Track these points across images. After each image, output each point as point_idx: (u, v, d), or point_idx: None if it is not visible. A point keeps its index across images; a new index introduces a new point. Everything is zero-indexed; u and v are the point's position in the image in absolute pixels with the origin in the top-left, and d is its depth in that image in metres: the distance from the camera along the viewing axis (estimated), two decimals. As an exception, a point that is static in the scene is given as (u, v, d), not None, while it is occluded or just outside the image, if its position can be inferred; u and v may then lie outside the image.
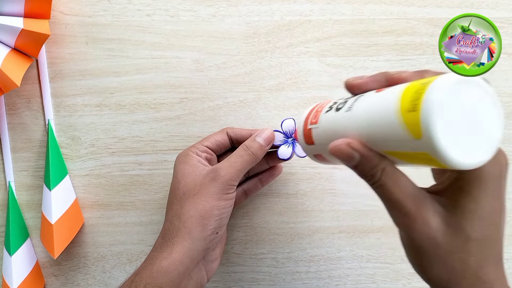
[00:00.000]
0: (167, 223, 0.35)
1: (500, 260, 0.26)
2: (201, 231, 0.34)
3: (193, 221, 0.34)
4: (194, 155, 0.37)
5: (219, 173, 0.35)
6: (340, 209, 0.44)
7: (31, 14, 0.39)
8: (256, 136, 0.37)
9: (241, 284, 0.45)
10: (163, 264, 0.33)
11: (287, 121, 0.39)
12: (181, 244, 0.33)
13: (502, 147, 0.44)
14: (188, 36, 0.43)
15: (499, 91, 0.43)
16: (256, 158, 0.36)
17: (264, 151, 0.37)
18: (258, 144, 0.37)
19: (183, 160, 0.37)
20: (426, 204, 0.24)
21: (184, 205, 0.35)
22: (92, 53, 0.43)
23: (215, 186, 0.34)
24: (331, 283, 0.44)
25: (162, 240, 0.35)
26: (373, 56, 0.43)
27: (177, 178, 0.36)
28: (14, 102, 0.43)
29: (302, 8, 0.42)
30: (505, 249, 0.44)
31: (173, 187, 0.37)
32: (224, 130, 0.39)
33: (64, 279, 0.45)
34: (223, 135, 0.39)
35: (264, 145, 0.37)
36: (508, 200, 0.44)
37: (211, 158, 0.38)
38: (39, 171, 0.44)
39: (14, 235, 0.42)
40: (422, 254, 0.25)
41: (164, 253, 0.34)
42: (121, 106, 0.43)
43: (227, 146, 0.40)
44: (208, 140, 0.38)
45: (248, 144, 0.37)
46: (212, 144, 0.38)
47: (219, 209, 0.34)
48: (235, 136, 0.39)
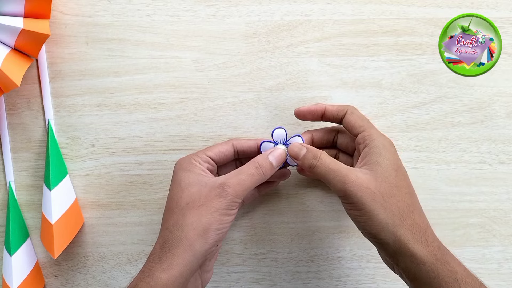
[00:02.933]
0: (166, 232, 0.34)
1: (422, 211, 0.34)
2: (203, 244, 0.33)
3: (195, 234, 0.33)
4: (198, 164, 0.36)
5: (227, 190, 0.34)
6: (340, 209, 0.44)
7: (31, 14, 0.39)
8: (269, 154, 0.37)
9: (241, 284, 0.45)
10: (162, 277, 0.32)
11: (277, 130, 0.39)
12: (182, 256, 0.32)
13: (503, 147, 0.45)
14: (188, 36, 0.43)
15: (499, 91, 0.43)
16: (265, 178, 0.36)
17: (273, 172, 0.37)
18: (270, 165, 0.36)
19: (186, 168, 0.36)
20: (356, 170, 0.34)
21: (187, 215, 0.34)
22: (92, 53, 0.43)
23: (221, 202, 0.34)
24: (331, 283, 0.44)
25: (160, 250, 0.33)
26: (373, 56, 0.43)
27: (181, 186, 0.35)
28: (14, 102, 0.43)
29: (302, 8, 0.42)
30: (505, 249, 0.44)
31: (175, 195, 0.35)
32: (229, 142, 0.39)
33: (64, 279, 0.45)
34: (229, 147, 0.38)
35: (275, 166, 0.37)
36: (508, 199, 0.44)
37: (212, 169, 0.38)
38: (39, 171, 0.44)
39: (14, 235, 0.42)
40: (364, 204, 0.32)
41: (163, 264, 0.32)
42: (121, 106, 0.43)
43: (230, 158, 0.39)
44: (212, 150, 0.38)
45: (261, 163, 0.36)
46: (215, 155, 0.38)
47: (221, 224, 0.34)
48: (241, 148, 0.39)
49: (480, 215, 0.44)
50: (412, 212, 0.33)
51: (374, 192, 0.32)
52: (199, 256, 0.33)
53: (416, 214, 0.33)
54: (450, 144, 0.43)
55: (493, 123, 0.43)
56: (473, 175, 0.44)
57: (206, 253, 0.34)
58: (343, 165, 0.34)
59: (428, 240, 0.32)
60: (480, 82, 0.43)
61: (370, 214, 0.32)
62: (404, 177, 0.34)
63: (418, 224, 0.32)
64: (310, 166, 0.35)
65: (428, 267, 0.31)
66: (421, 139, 0.43)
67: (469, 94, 0.43)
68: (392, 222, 0.32)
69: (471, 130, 0.43)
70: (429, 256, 0.31)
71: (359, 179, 0.33)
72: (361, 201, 0.32)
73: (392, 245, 0.32)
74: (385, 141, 0.35)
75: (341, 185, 0.33)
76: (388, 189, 0.33)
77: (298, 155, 0.36)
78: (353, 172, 0.33)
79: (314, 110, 0.39)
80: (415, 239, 0.32)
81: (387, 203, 0.32)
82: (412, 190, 0.35)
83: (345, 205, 0.34)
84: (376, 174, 0.33)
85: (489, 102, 0.43)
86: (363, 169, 0.34)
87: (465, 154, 0.43)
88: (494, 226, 0.44)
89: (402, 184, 0.34)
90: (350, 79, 0.43)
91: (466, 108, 0.43)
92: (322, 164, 0.34)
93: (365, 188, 0.32)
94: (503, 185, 0.44)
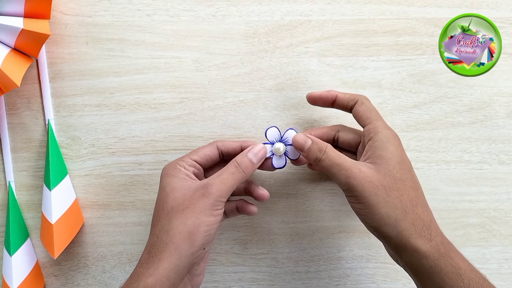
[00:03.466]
0: (153, 238, 0.34)
1: (426, 205, 0.34)
2: (189, 247, 0.33)
3: (181, 237, 0.33)
4: (182, 169, 0.36)
5: (210, 189, 0.34)
6: (340, 209, 0.44)
7: (31, 14, 0.39)
8: (248, 152, 0.37)
9: (241, 284, 0.45)
10: (149, 281, 0.32)
11: (270, 129, 0.39)
12: (168, 260, 0.33)
13: (503, 147, 0.45)
14: (188, 36, 0.43)
15: (499, 91, 0.43)
16: (247, 176, 0.36)
17: (254, 168, 0.37)
18: (249, 162, 0.36)
19: (171, 173, 0.36)
20: (360, 163, 0.34)
21: (172, 219, 0.34)
22: (92, 53, 0.43)
23: (205, 202, 0.34)
24: (331, 283, 0.44)
25: (148, 255, 0.34)
26: (373, 56, 0.43)
27: (165, 191, 0.35)
28: (14, 102, 0.43)
29: (302, 8, 0.42)
30: (505, 249, 0.44)
31: (160, 200, 0.36)
32: (214, 144, 0.39)
33: (64, 279, 0.45)
34: (213, 149, 0.38)
35: (256, 162, 0.37)
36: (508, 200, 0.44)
37: (198, 173, 0.38)
38: (39, 171, 0.44)
39: (14, 235, 0.42)
40: (366, 198, 0.32)
41: (150, 269, 0.32)
42: (121, 106, 0.43)
43: (215, 160, 0.39)
44: (197, 154, 0.38)
45: (239, 161, 0.36)
46: (201, 159, 0.38)
47: (208, 225, 0.34)
48: (225, 149, 0.39)
49: (480, 215, 0.44)
50: (415, 206, 0.33)
51: (377, 185, 0.32)
52: (186, 260, 0.33)
53: (420, 208, 0.33)
54: (450, 144, 0.43)
55: (493, 123, 0.43)
56: (473, 175, 0.44)
57: (193, 257, 0.34)
58: (347, 158, 0.34)
59: (431, 234, 0.32)
60: (480, 82, 0.43)
61: (372, 207, 0.32)
62: (408, 171, 0.34)
63: (422, 218, 0.32)
64: (316, 159, 0.35)
65: (431, 261, 0.31)
66: (421, 139, 0.43)
67: (469, 94, 0.43)
68: (395, 216, 0.32)
69: (471, 130, 0.43)
70: (432, 250, 0.31)
71: (362, 172, 0.33)
72: (363, 194, 0.32)
73: (394, 238, 0.32)
74: (389, 134, 0.35)
75: (344, 178, 0.33)
76: (391, 183, 0.33)
77: (303, 146, 0.36)
78: (356, 165, 0.33)
79: (326, 96, 0.39)
80: (417, 233, 0.32)
81: (389, 197, 0.32)
82: (417, 184, 0.34)
83: (349, 199, 0.34)
84: (379, 167, 0.33)
85: (489, 102, 0.43)
86: (366, 163, 0.34)
87: (465, 154, 0.43)
88: (494, 226, 0.44)
89: (406, 178, 0.33)
90: (350, 79, 0.43)
91: (466, 108, 0.43)
92: (327, 157, 0.34)
93: (368, 182, 0.32)
94: (503, 185, 0.44)
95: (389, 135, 0.35)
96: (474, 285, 0.30)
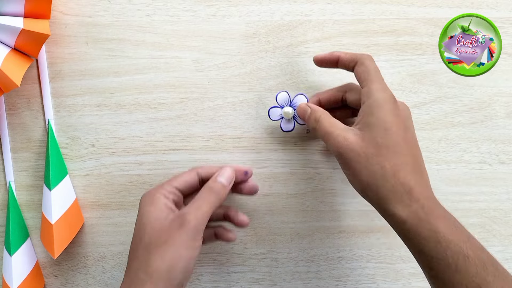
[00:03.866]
0: (131, 274, 0.34)
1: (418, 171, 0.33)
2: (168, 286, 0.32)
3: (159, 276, 0.32)
4: (162, 197, 0.36)
5: (186, 218, 0.34)
6: (340, 209, 0.44)
7: (31, 14, 0.39)
8: (217, 176, 0.37)
9: (241, 284, 0.45)
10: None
11: (281, 94, 0.41)
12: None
13: (503, 147, 0.45)
14: (188, 36, 0.43)
15: (499, 91, 0.43)
16: (220, 199, 0.36)
17: (227, 190, 0.37)
18: (221, 185, 0.36)
19: (149, 202, 0.36)
20: (348, 130, 0.34)
21: (151, 255, 0.33)
22: (92, 53, 0.43)
23: (183, 234, 0.33)
24: (331, 283, 0.44)
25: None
26: (373, 56, 0.43)
27: (143, 222, 0.35)
28: (14, 102, 0.43)
29: (302, 8, 0.42)
30: (505, 249, 0.44)
31: (138, 232, 0.35)
32: (194, 170, 0.38)
33: (64, 279, 0.45)
34: (193, 175, 0.38)
35: (227, 185, 0.37)
36: (508, 200, 0.44)
37: (178, 201, 0.37)
38: (39, 171, 0.44)
39: (14, 235, 0.42)
40: (350, 163, 0.33)
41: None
42: (121, 106, 0.43)
43: (195, 187, 0.38)
44: (177, 180, 0.37)
45: (211, 186, 0.36)
46: (181, 185, 0.37)
47: (186, 261, 0.33)
48: (206, 175, 0.38)
49: (480, 215, 0.44)
50: (398, 172, 0.32)
51: (359, 153, 0.33)
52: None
53: (403, 174, 0.32)
54: (450, 144, 0.43)
55: (493, 123, 0.43)
56: (473, 175, 0.44)
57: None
58: (338, 126, 0.35)
59: (411, 200, 0.32)
60: (480, 82, 0.43)
61: (354, 174, 0.33)
62: (396, 136, 0.33)
63: (403, 183, 0.32)
64: (313, 129, 0.36)
65: (409, 226, 0.31)
66: (421, 139, 0.43)
67: (469, 94, 0.43)
68: (374, 183, 0.32)
69: (471, 130, 0.43)
70: (411, 215, 0.31)
71: (347, 140, 0.33)
72: (347, 162, 0.33)
73: (376, 205, 0.33)
74: (381, 99, 0.34)
75: (332, 147, 0.34)
76: (374, 150, 0.33)
77: (304, 116, 0.38)
78: (344, 133, 0.34)
79: (329, 58, 0.39)
80: (396, 199, 0.32)
81: (370, 165, 0.32)
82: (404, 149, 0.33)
83: (340, 165, 0.35)
84: (364, 134, 0.33)
85: (489, 102, 0.43)
86: (355, 129, 0.34)
87: (465, 154, 0.43)
88: (494, 226, 0.44)
89: (392, 144, 0.33)
90: (350, 79, 0.43)
91: (466, 108, 0.43)
92: (320, 126, 0.35)
93: (350, 150, 0.33)
94: (503, 185, 0.44)
95: (381, 99, 0.34)
96: (453, 247, 0.30)
